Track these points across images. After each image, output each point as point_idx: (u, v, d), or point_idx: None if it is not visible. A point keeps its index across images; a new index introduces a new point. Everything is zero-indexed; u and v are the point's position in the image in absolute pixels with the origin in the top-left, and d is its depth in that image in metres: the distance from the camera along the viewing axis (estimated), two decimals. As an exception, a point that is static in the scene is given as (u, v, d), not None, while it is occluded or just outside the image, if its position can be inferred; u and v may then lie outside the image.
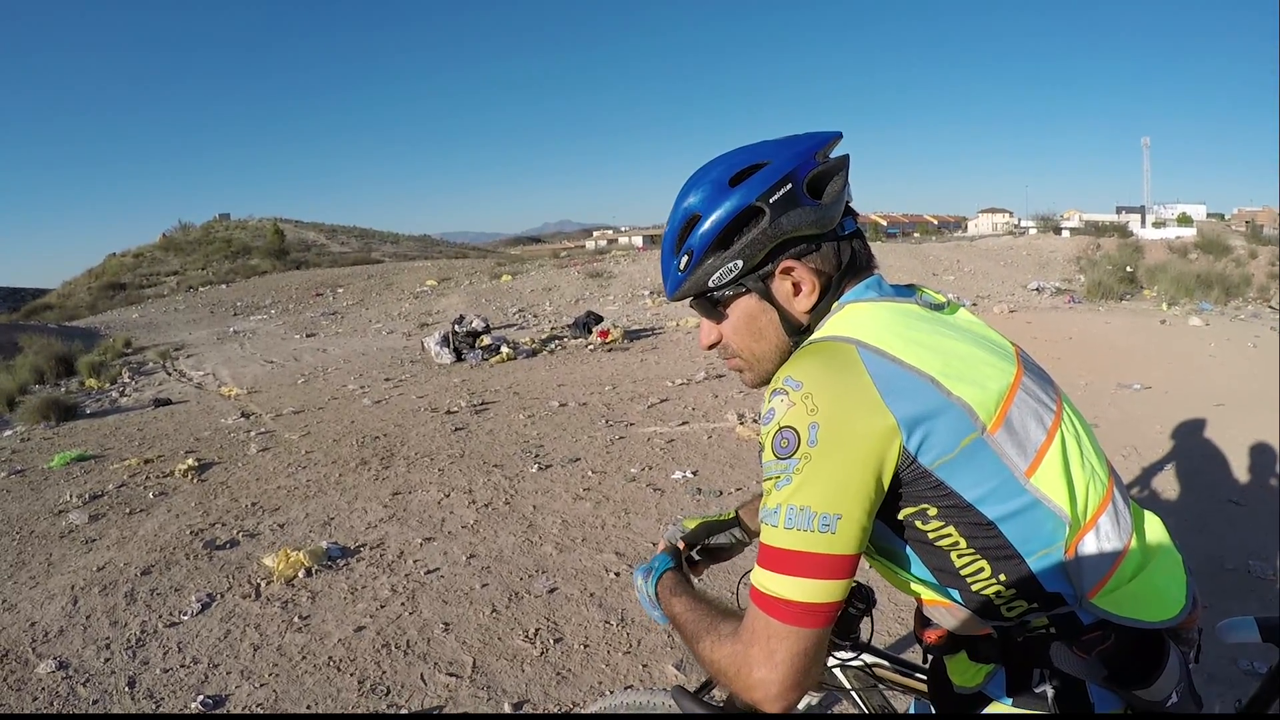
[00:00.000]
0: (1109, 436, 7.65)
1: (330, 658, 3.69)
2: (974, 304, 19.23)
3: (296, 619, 4.04)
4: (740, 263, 1.30)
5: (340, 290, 24.55)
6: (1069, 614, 1.25)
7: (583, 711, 2.15)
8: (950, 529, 1.21)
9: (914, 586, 1.35)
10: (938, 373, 1.17)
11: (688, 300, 1.40)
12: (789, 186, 1.27)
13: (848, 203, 1.36)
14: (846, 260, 1.34)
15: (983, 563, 1.22)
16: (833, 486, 1.11)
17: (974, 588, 1.25)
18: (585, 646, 3.76)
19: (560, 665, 3.60)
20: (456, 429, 7.89)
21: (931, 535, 1.22)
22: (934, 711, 1.54)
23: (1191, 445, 7.51)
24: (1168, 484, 6.44)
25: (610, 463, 6.64)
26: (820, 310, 1.33)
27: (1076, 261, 26.27)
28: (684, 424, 8.10)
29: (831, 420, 1.12)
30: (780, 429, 1.15)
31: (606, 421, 8.09)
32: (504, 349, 12.47)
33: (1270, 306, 22.18)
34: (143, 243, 50.23)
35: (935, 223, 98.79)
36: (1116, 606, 1.23)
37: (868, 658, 1.75)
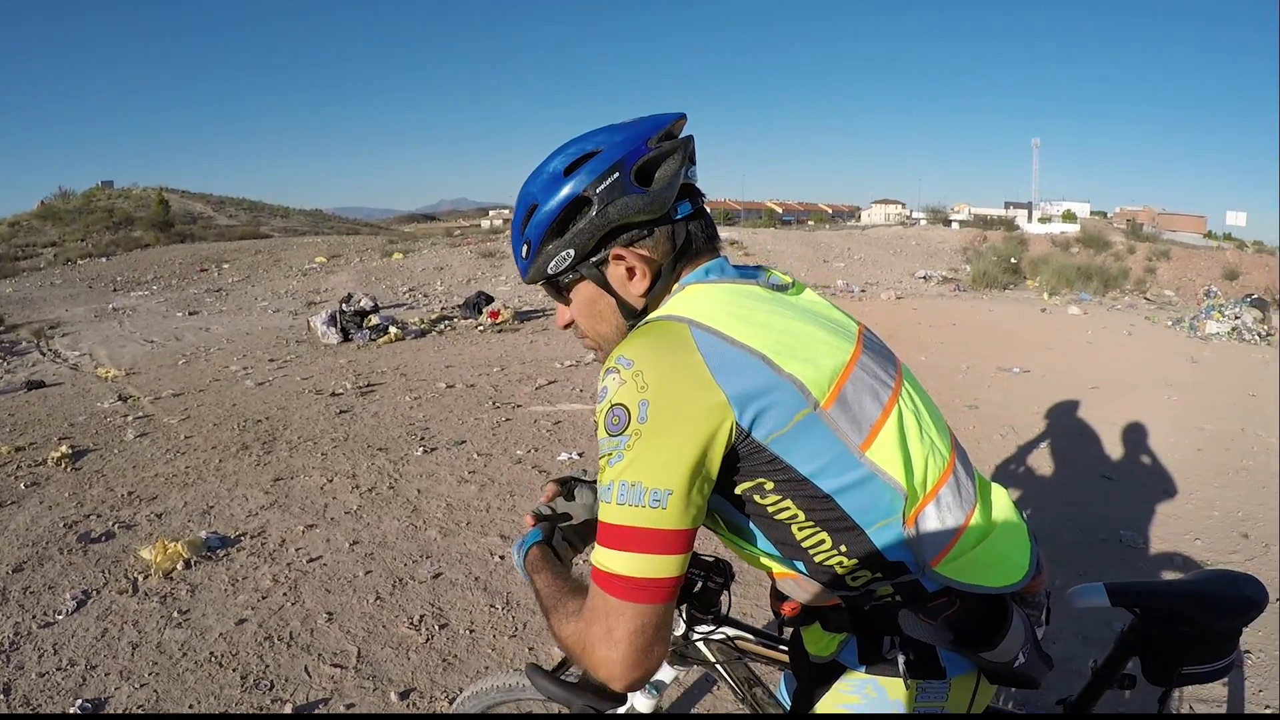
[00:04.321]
0: (989, 417, 7.89)
1: (212, 653, 3.57)
2: (863, 290, 19.69)
3: (176, 614, 3.88)
4: (573, 251, 1.34)
5: (226, 266, 23.69)
6: (913, 582, 1.30)
7: (459, 700, 2.12)
8: (788, 502, 1.24)
9: (762, 560, 1.38)
10: (770, 350, 1.19)
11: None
12: (616, 175, 1.29)
13: (690, 185, 1.39)
14: (681, 244, 1.36)
15: (823, 535, 1.26)
16: (663, 462, 1.13)
17: (817, 559, 1.29)
18: (471, 631, 3.74)
19: (446, 651, 3.58)
20: (341, 411, 7.68)
21: (771, 509, 1.25)
22: (796, 681, 1.56)
23: (1067, 425, 7.79)
24: (1043, 461, 6.66)
25: (496, 445, 6.60)
26: (657, 294, 1.36)
27: (963, 252, 27.23)
28: (571, 405, 8.09)
29: (661, 397, 1.14)
30: (612, 406, 1.16)
31: (494, 403, 8.01)
32: (392, 329, 12.17)
33: (1146, 298, 23.29)
34: (19, 210, 46.90)
35: (830, 211, 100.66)
36: (960, 574, 1.28)
37: (729, 630, 1.78)
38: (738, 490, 1.25)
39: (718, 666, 1.80)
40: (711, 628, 1.76)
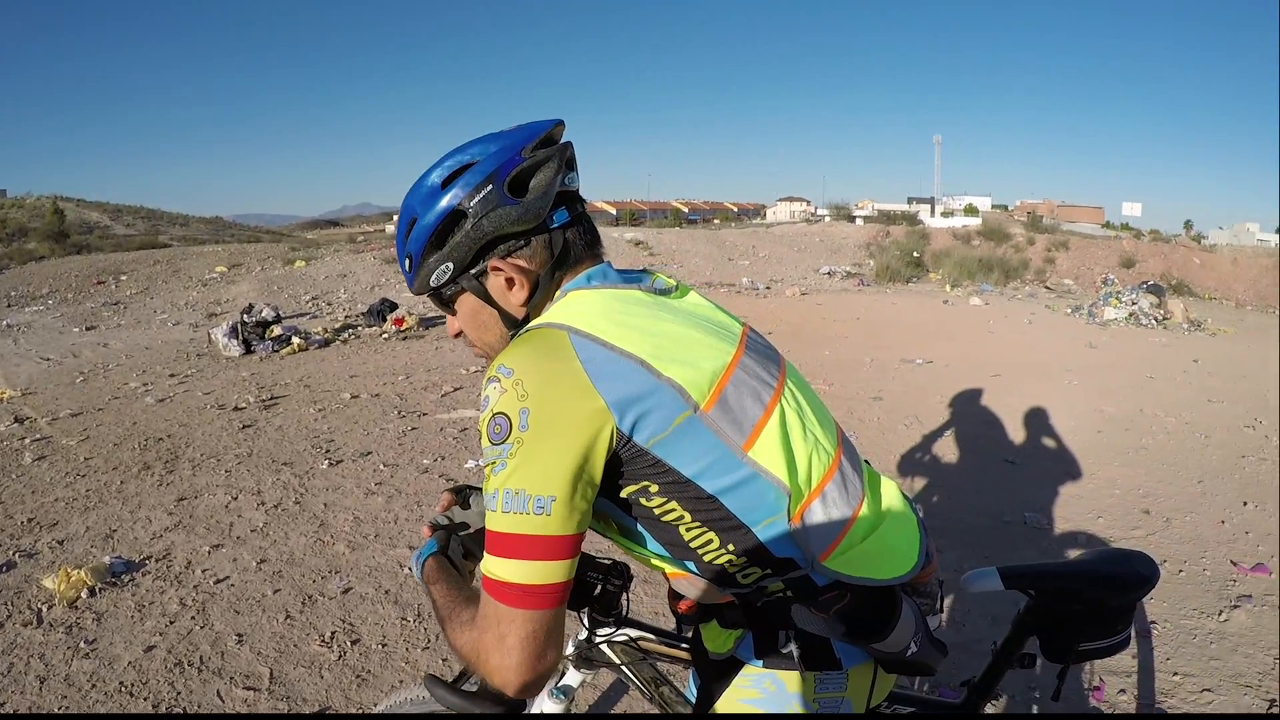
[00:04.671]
0: (894, 408, 8.01)
1: (122, 683, 3.41)
2: (768, 287, 19.86)
3: (83, 644, 3.65)
4: (452, 264, 1.35)
5: (124, 277, 22.70)
6: (803, 577, 1.31)
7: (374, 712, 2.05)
8: (674, 504, 1.25)
9: (654, 561, 1.39)
10: (648, 355, 1.20)
11: None
12: (490, 188, 1.30)
13: (568, 191, 1.40)
14: (559, 252, 1.37)
15: (711, 534, 1.27)
16: (545, 469, 1.14)
17: (706, 558, 1.30)
18: (384, 646, 3.68)
19: (359, 667, 3.51)
20: (244, 426, 7.39)
21: (657, 511, 1.27)
22: (698, 678, 1.59)
23: (970, 412, 7.94)
24: (948, 449, 6.75)
25: (403, 454, 6.48)
26: (538, 302, 1.37)
27: (867, 247, 27.77)
28: (478, 411, 7.77)
29: (541, 405, 1.15)
30: (493, 415, 1.17)
31: (399, 412, 7.83)
32: (295, 339, 11.81)
33: (1046, 287, 23.96)
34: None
35: (735, 210, 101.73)
36: (849, 567, 1.30)
37: (632, 632, 1.80)
38: (623, 494, 1.27)
39: (623, 668, 1.81)
40: (614, 630, 1.78)
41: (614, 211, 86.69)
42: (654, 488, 1.24)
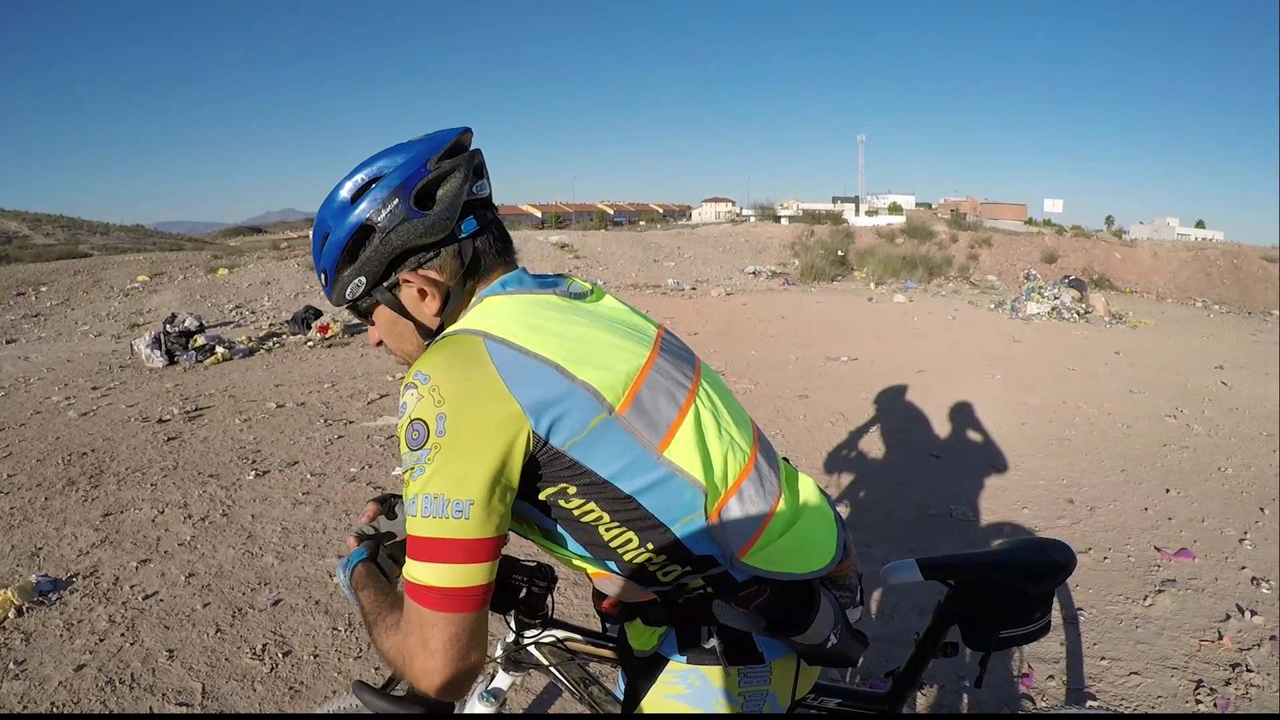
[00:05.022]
0: (820, 405, 8.05)
1: (53, 704, 3.39)
2: (693, 288, 19.89)
3: (12, 665, 3.65)
4: (365, 278, 1.37)
5: (44, 288, 21.86)
6: (723, 574, 1.35)
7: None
8: (592, 505, 1.28)
9: (575, 562, 1.41)
10: (562, 359, 1.24)
11: None
12: (396, 201, 1.32)
13: (477, 200, 1.41)
14: (469, 262, 1.39)
15: (630, 534, 1.30)
16: (462, 473, 1.16)
17: (626, 557, 1.33)
18: (315, 656, 3.69)
19: (292, 679, 3.51)
20: (169, 439, 7.20)
21: (576, 512, 1.30)
22: (626, 677, 1.64)
23: (896, 408, 8.03)
24: (874, 444, 6.80)
25: (330, 463, 6.42)
26: (452, 311, 1.40)
27: (792, 247, 27.96)
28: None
29: (457, 410, 1.17)
30: (411, 421, 1.19)
31: (325, 420, 7.73)
32: (219, 349, 11.55)
33: (970, 283, 24.40)
34: None
35: (661, 211, 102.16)
36: (767, 562, 1.34)
37: (559, 633, 1.84)
38: (542, 496, 1.29)
39: (552, 669, 1.85)
40: (540, 631, 1.82)
41: (539, 214, 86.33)
42: (572, 489, 1.27)
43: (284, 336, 13.09)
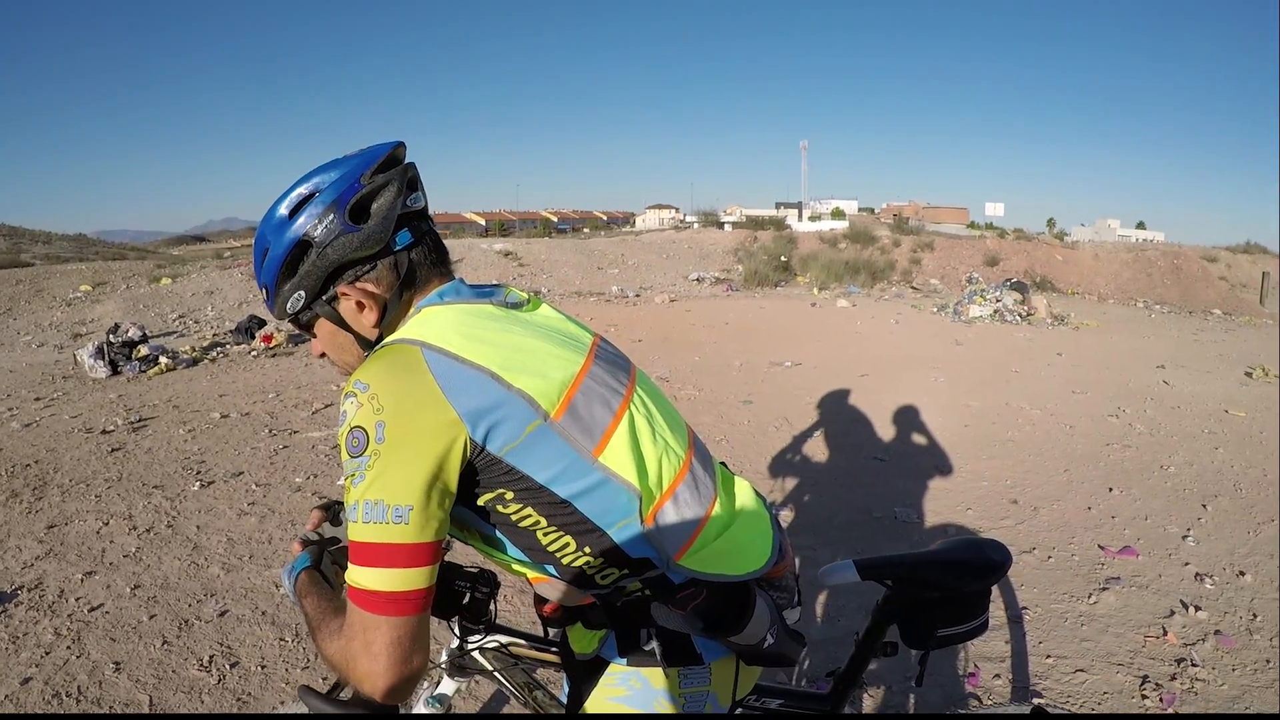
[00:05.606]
0: (764, 410, 8.07)
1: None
2: (637, 295, 19.92)
3: None
4: (304, 293, 1.40)
5: None
6: (660, 576, 1.39)
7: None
8: (529, 510, 1.31)
9: (515, 567, 1.44)
10: (499, 367, 1.27)
11: None
12: (331, 217, 1.34)
13: (412, 212, 1.44)
14: (405, 273, 1.42)
15: (567, 538, 1.33)
16: (402, 479, 1.19)
17: (564, 561, 1.36)
18: (263, 667, 3.69)
19: (239, 690, 3.52)
20: (113, 450, 7.10)
21: (514, 517, 1.33)
22: (569, 680, 1.67)
23: (839, 412, 8.07)
24: (818, 448, 6.82)
25: (275, 473, 6.39)
26: (391, 322, 1.43)
27: (735, 253, 28.12)
28: (344, 428, 7.66)
29: (396, 418, 1.20)
30: (351, 429, 1.22)
31: (270, 430, 7.69)
32: (163, 359, 11.42)
33: (912, 287, 24.69)
34: None
35: (604, 218, 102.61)
36: (703, 565, 1.38)
37: (502, 638, 1.87)
38: (480, 502, 1.32)
39: (496, 674, 1.88)
40: (484, 637, 1.86)
41: (483, 223, 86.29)
42: (509, 495, 1.30)
43: (228, 346, 13.04)
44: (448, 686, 1.93)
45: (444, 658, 1.89)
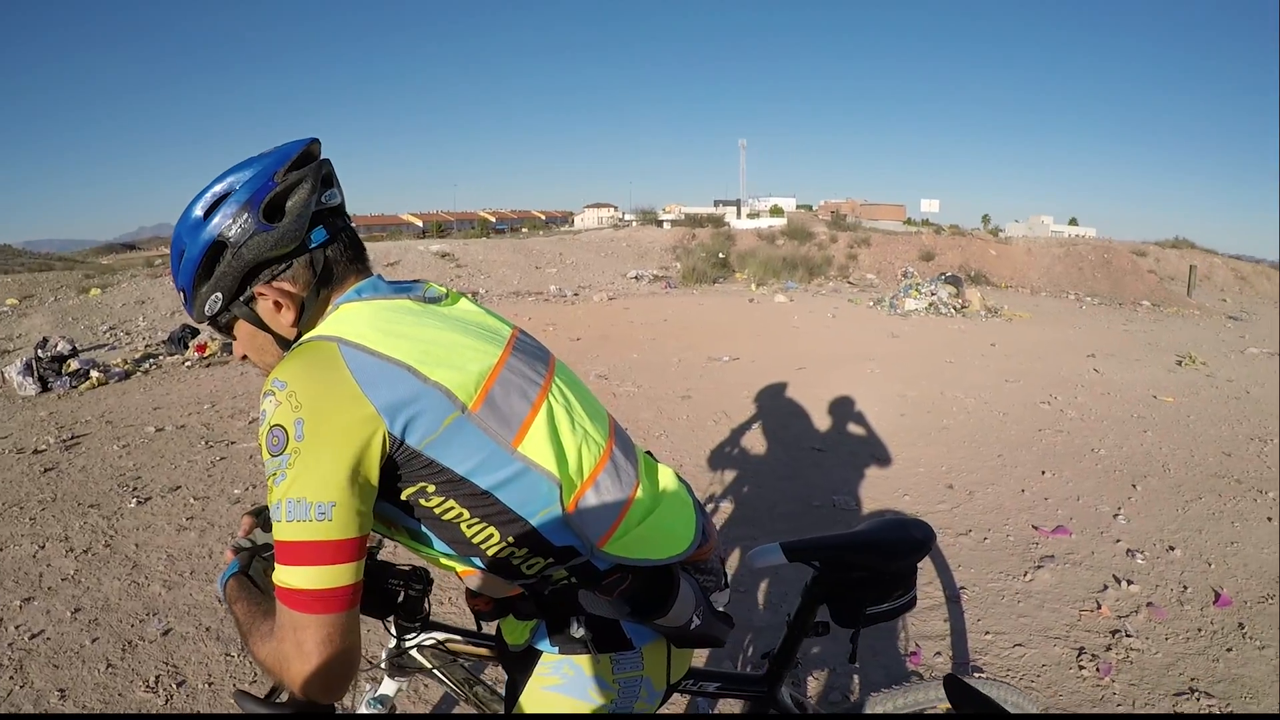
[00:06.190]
0: (702, 405, 8.11)
1: None
2: (575, 294, 19.91)
3: None
4: (221, 294, 1.39)
5: None
6: (585, 563, 1.41)
7: None
8: (452, 502, 1.32)
9: (443, 561, 1.45)
10: (415, 361, 1.28)
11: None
12: (246, 216, 1.34)
13: (327, 209, 1.44)
14: (320, 271, 1.42)
15: (491, 529, 1.35)
16: (323, 476, 1.20)
17: (489, 553, 1.38)
18: (210, 684, 3.63)
19: (188, 709, 3.47)
20: (46, 469, 6.88)
21: (437, 511, 1.33)
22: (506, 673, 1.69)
23: (777, 405, 8.14)
24: (757, 441, 6.87)
25: (213, 486, 6.23)
26: (309, 320, 1.42)
27: (673, 250, 28.26)
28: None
29: (314, 414, 1.21)
30: (271, 428, 1.22)
31: (206, 442, 7.50)
32: (94, 373, 11.05)
33: (849, 282, 24.99)
34: None
35: (543, 218, 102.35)
36: (627, 550, 1.41)
37: (439, 635, 1.87)
38: (403, 496, 1.32)
39: (435, 672, 1.88)
40: (421, 635, 1.86)
41: (420, 224, 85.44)
42: (431, 488, 1.30)
43: (161, 358, 12.68)
44: (389, 687, 1.93)
45: (383, 659, 1.89)
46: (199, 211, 1.37)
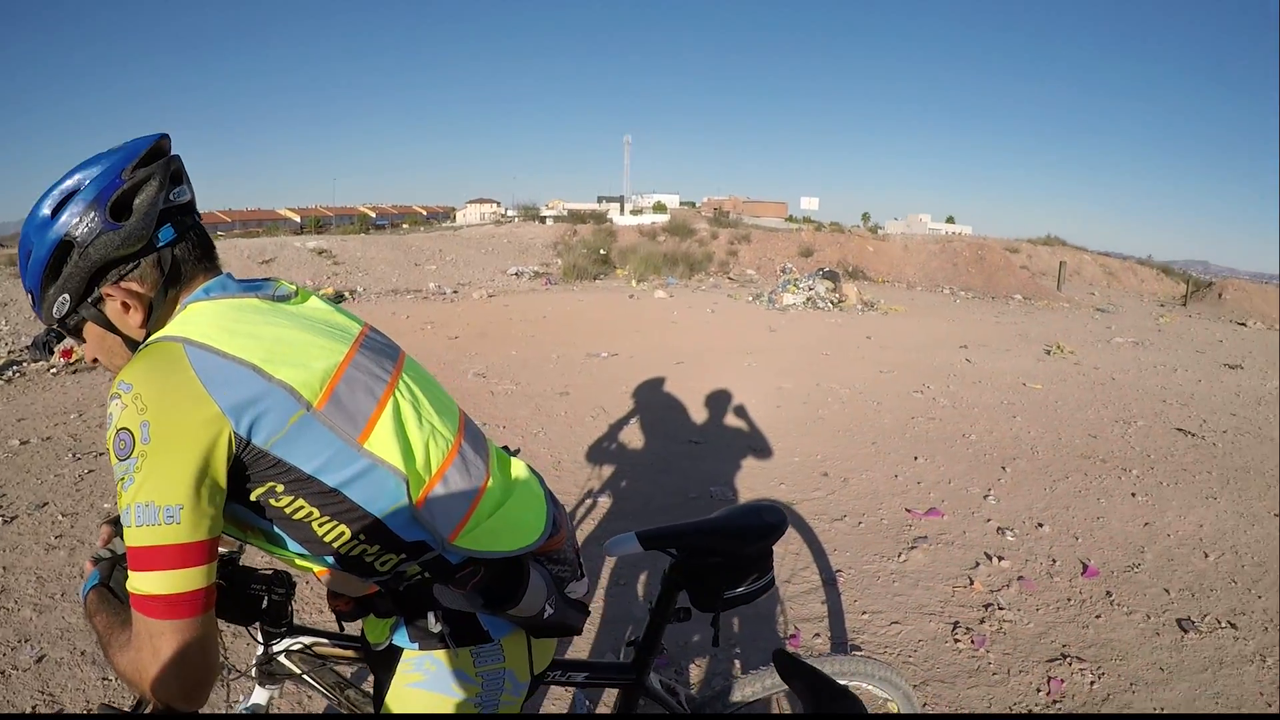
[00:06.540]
0: (580, 401, 8.07)
1: None
2: (455, 291, 19.68)
3: None
4: (68, 296, 1.36)
5: None
6: (436, 558, 1.42)
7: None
8: (301, 501, 1.31)
9: (299, 562, 1.44)
10: (260, 360, 1.27)
11: None
12: (92, 215, 1.31)
13: (176, 207, 1.41)
14: (168, 270, 1.39)
15: (341, 527, 1.34)
16: (170, 479, 1.18)
17: (342, 550, 1.38)
18: (89, 710, 3.48)
19: None
20: None
21: (288, 510, 1.32)
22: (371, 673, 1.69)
23: (655, 399, 8.15)
24: (634, 435, 6.85)
25: (82, 501, 5.89)
26: (158, 320, 1.40)
27: (555, 247, 28.26)
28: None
29: (159, 416, 1.18)
30: (117, 431, 1.20)
31: (74, 454, 7.07)
32: None
33: (729, 278, 25.27)
34: None
35: (424, 213, 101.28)
36: (478, 543, 1.42)
37: (305, 639, 1.84)
38: (253, 497, 1.31)
39: (305, 677, 1.86)
40: (287, 640, 1.83)
41: (298, 219, 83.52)
42: (280, 487, 1.30)
43: (24, 364, 12.00)
44: (260, 696, 1.91)
45: (253, 667, 1.86)
46: (46, 210, 1.33)
